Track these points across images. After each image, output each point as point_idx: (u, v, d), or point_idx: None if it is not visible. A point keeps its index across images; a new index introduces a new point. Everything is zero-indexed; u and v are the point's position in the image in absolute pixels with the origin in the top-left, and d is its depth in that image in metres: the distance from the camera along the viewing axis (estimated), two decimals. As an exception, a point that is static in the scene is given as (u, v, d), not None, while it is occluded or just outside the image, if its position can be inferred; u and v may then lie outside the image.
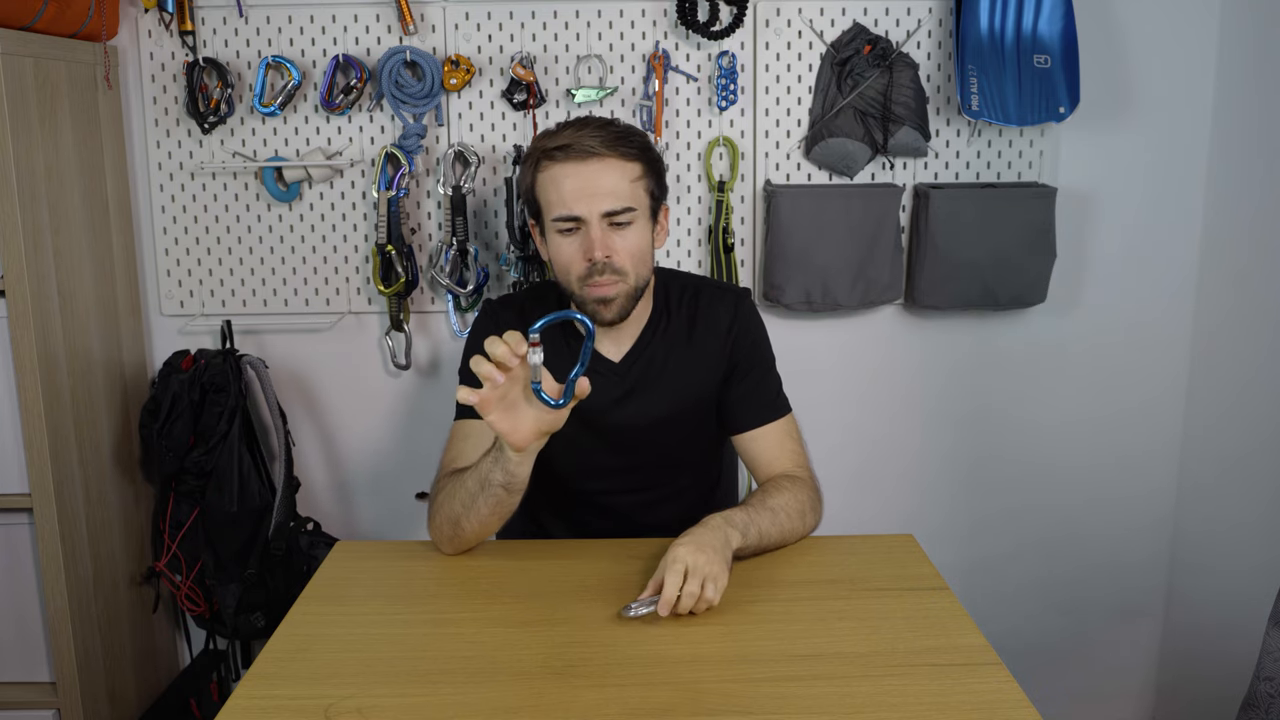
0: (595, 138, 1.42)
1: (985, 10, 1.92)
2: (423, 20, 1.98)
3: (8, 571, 1.85)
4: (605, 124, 1.46)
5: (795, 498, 1.45)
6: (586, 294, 1.45)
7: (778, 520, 1.41)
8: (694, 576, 1.23)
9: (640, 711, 1.07)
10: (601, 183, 1.41)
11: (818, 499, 1.50)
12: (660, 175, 1.49)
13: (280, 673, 1.16)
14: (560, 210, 1.42)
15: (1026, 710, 1.07)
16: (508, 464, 1.31)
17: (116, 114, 1.99)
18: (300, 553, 2.02)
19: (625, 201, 1.42)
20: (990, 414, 2.19)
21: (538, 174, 1.46)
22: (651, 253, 1.49)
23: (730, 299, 1.58)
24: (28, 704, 1.86)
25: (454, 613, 1.29)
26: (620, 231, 1.43)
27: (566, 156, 1.42)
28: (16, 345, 1.72)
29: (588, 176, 1.41)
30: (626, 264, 1.44)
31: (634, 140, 1.45)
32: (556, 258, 1.47)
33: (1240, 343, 2.04)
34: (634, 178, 1.44)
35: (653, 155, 1.48)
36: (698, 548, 1.26)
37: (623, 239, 1.43)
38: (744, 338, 1.56)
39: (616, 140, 1.43)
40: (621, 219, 1.43)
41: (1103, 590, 2.27)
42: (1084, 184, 2.08)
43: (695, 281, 1.61)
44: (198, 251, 2.07)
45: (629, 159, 1.43)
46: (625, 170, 1.43)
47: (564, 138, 1.43)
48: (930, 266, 2.01)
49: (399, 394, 2.16)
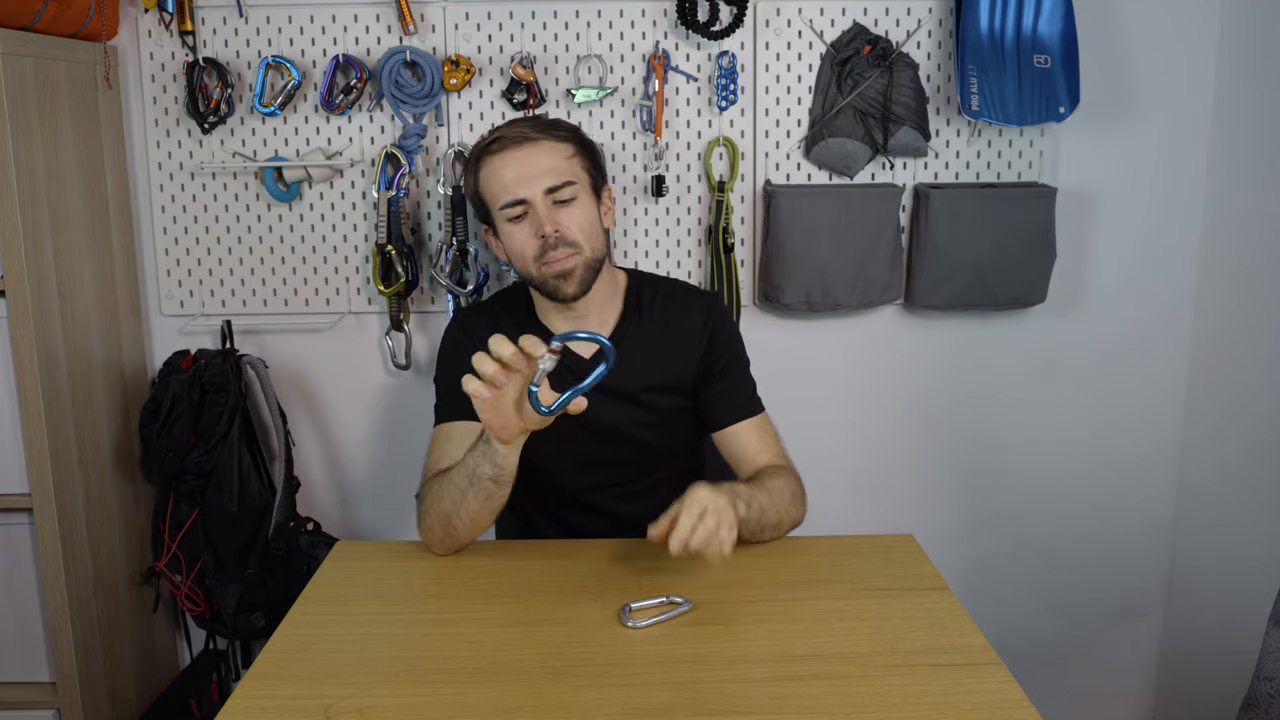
0: (525, 125, 1.51)
1: (985, 10, 1.92)
2: (423, 20, 1.98)
3: (8, 571, 1.85)
4: (536, 117, 1.57)
5: (787, 484, 1.48)
6: (544, 272, 1.48)
7: (774, 501, 1.43)
8: (711, 515, 1.24)
9: (640, 711, 1.07)
10: (538, 163, 1.48)
11: (802, 491, 1.52)
12: (594, 156, 1.56)
13: (280, 673, 1.16)
14: (505, 197, 1.48)
15: (1026, 710, 1.07)
16: (495, 455, 1.33)
17: (116, 114, 1.99)
18: (300, 553, 2.02)
19: (564, 176, 1.48)
20: (990, 414, 2.19)
21: (480, 173, 1.52)
22: (601, 228, 1.54)
23: (703, 301, 1.62)
24: (28, 704, 1.86)
25: (454, 613, 1.29)
26: (565, 208, 1.48)
27: (502, 147, 1.49)
28: (16, 345, 1.72)
29: (525, 160, 1.48)
30: (578, 236, 1.48)
31: (563, 126, 1.54)
32: (510, 246, 1.51)
33: (1240, 343, 2.04)
34: (568, 155, 1.50)
35: (583, 137, 1.55)
36: (715, 492, 1.27)
37: (568, 214, 1.48)
38: (717, 338, 1.59)
39: (546, 126, 1.52)
40: (563, 194, 1.48)
41: (1103, 591, 2.27)
42: (1084, 184, 2.08)
43: (668, 284, 1.65)
44: (198, 251, 2.07)
45: (560, 140, 1.51)
46: (558, 149, 1.50)
47: (497, 134, 1.51)
48: (930, 266, 2.01)
49: (399, 394, 2.16)
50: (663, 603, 1.28)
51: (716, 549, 1.24)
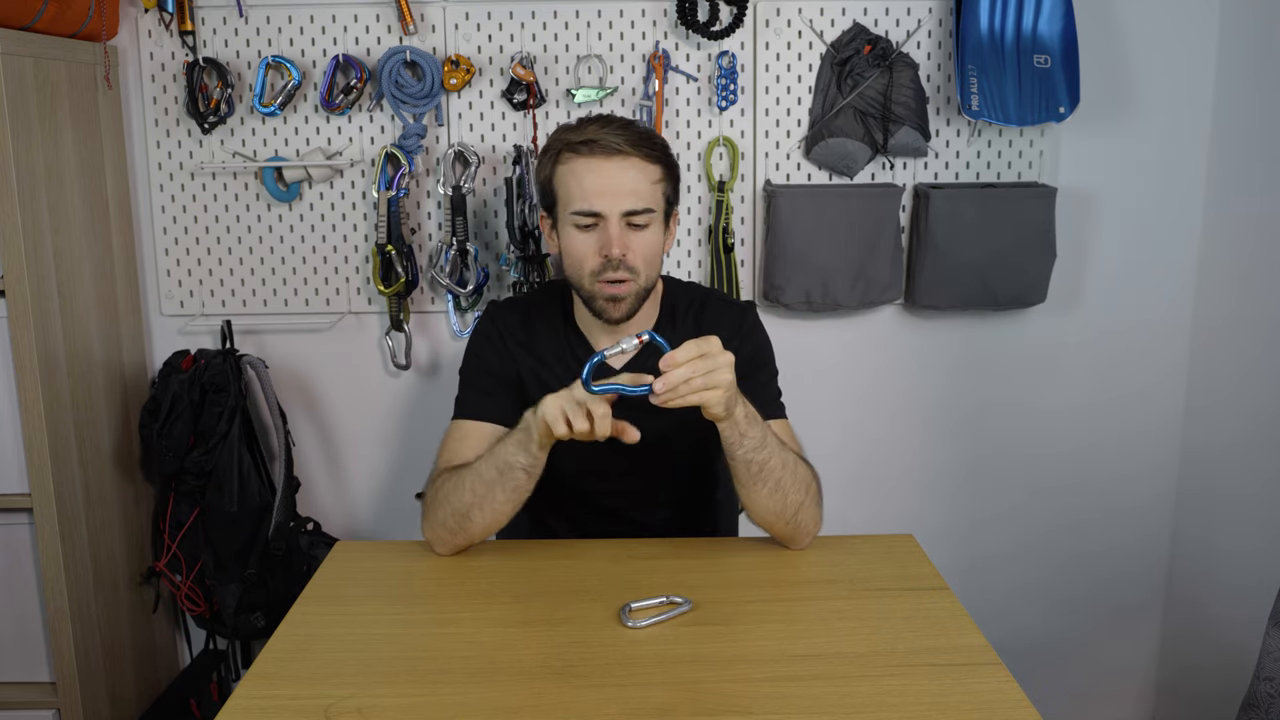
0: (620, 136, 1.41)
1: (985, 10, 1.92)
2: (423, 20, 1.98)
3: (8, 571, 1.85)
4: (629, 124, 1.45)
5: (806, 467, 1.42)
6: (597, 290, 1.44)
7: (787, 458, 1.37)
8: (709, 358, 1.22)
9: (640, 711, 1.07)
10: (624, 181, 1.41)
11: (819, 490, 1.44)
12: (677, 181, 1.50)
13: (280, 673, 1.16)
14: (581, 205, 1.41)
15: (1026, 710, 1.07)
16: (533, 445, 1.32)
17: (116, 114, 1.99)
18: (300, 553, 2.02)
19: (645, 202, 1.42)
20: (990, 414, 2.19)
21: (558, 166, 1.45)
22: (661, 256, 1.49)
23: (736, 311, 1.59)
24: (28, 704, 1.86)
25: (454, 613, 1.29)
26: (637, 232, 1.43)
27: (591, 151, 1.41)
28: (16, 345, 1.72)
29: (611, 174, 1.41)
30: (639, 264, 1.43)
31: (656, 143, 1.46)
32: (570, 252, 1.45)
33: (1240, 343, 2.04)
34: (654, 179, 1.44)
35: (671, 160, 1.48)
36: (722, 348, 1.24)
37: (639, 239, 1.43)
38: (746, 346, 1.54)
39: (640, 140, 1.43)
40: (640, 220, 1.42)
41: (1103, 590, 2.27)
42: (1084, 184, 2.08)
43: (702, 293, 1.62)
44: (198, 251, 2.07)
45: (651, 160, 1.43)
46: (647, 171, 1.43)
47: (588, 133, 1.42)
48: (930, 266, 2.01)
49: (399, 394, 2.16)
50: (663, 603, 1.28)
51: (699, 390, 1.21)
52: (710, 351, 1.23)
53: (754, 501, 1.38)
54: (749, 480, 1.35)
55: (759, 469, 1.34)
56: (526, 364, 1.54)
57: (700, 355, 1.22)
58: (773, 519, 1.40)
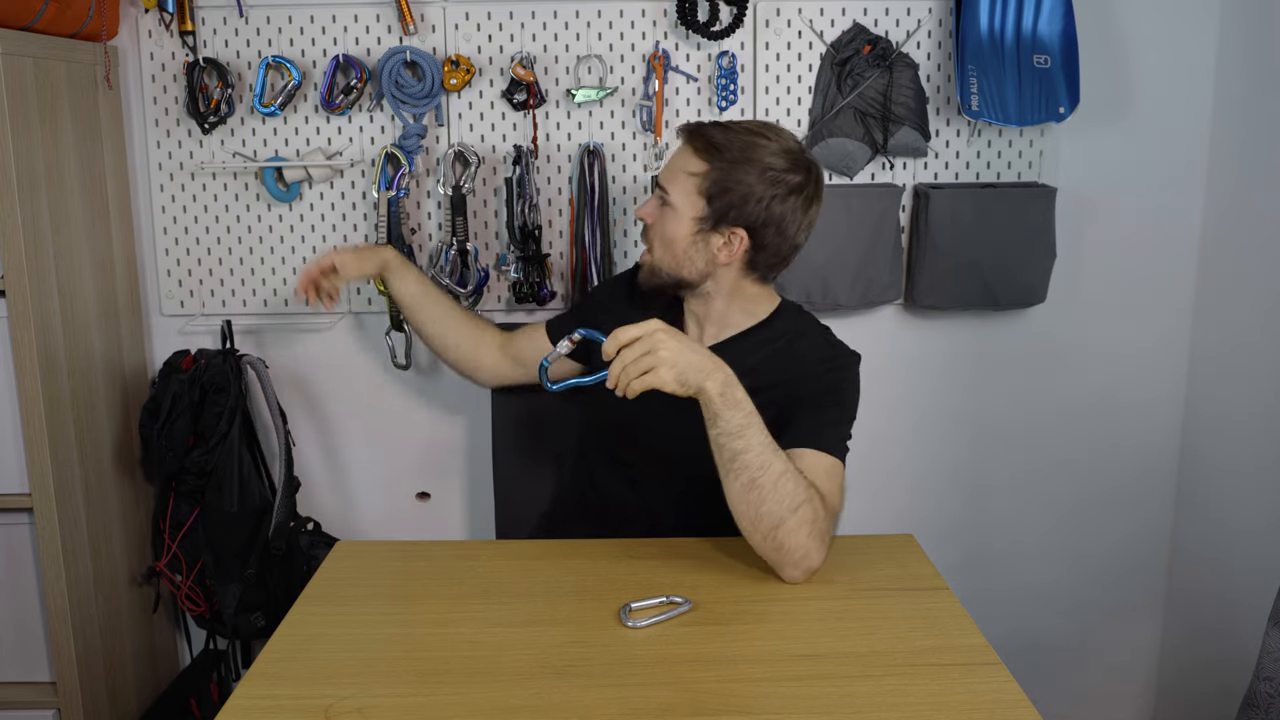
0: (701, 126, 1.50)
1: (985, 10, 1.92)
2: (423, 20, 1.98)
3: (8, 571, 1.85)
4: (731, 124, 1.50)
5: (799, 487, 1.31)
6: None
7: (773, 465, 1.29)
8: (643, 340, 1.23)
9: (640, 711, 1.07)
10: (674, 160, 1.52)
11: (819, 524, 1.33)
12: (726, 194, 1.46)
13: (280, 673, 1.16)
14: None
15: (1026, 710, 1.07)
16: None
17: (116, 114, 1.99)
18: (300, 553, 2.02)
19: (669, 182, 1.50)
20: (990, 414, 2.19)
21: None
22: (685, 251, 1.50)
23: (831, 352, 1.54)
24: (28, 704, 1.86)
25: (454, 613, 1.29)
26: (662, 208, 1.51)
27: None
28: (16, 345, 1.72)
29: (673, 155, 1.54)
30: (654, 239, 1.52)
31: (714, 141, 1.47)
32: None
33: (1240, 343, 2.04)
34: (692, 171, 1.48)
35: (729, 172, 1.45)
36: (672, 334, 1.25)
37: (660, 214, 1.51)
38: (823, 379, 1.49)
39: (698, 132, 1.49)
40: (665, 195, 1.50)
41: (1103, 590, 2.27)
42: (1084, 184, 2.08)
43: (813, 328, 1.59)
44: (198, 251, 2.08)
45: (698, 154, 1.48)
46: (689, 161, 1.48)
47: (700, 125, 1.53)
48: (930, 266, 2.01)
49: (399, 394, 2.16)
50: (663, 603, 1.28)
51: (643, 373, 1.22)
52: (645, 333, 1.24)
53: (729, 494, 1.32)
54: (722, 466, 1.31)
55: (731, 457, 1.29)
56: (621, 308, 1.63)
57: (631, 340, 1.23)
58: (749, 526, 1.32)
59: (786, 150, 1.47)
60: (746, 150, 1.46)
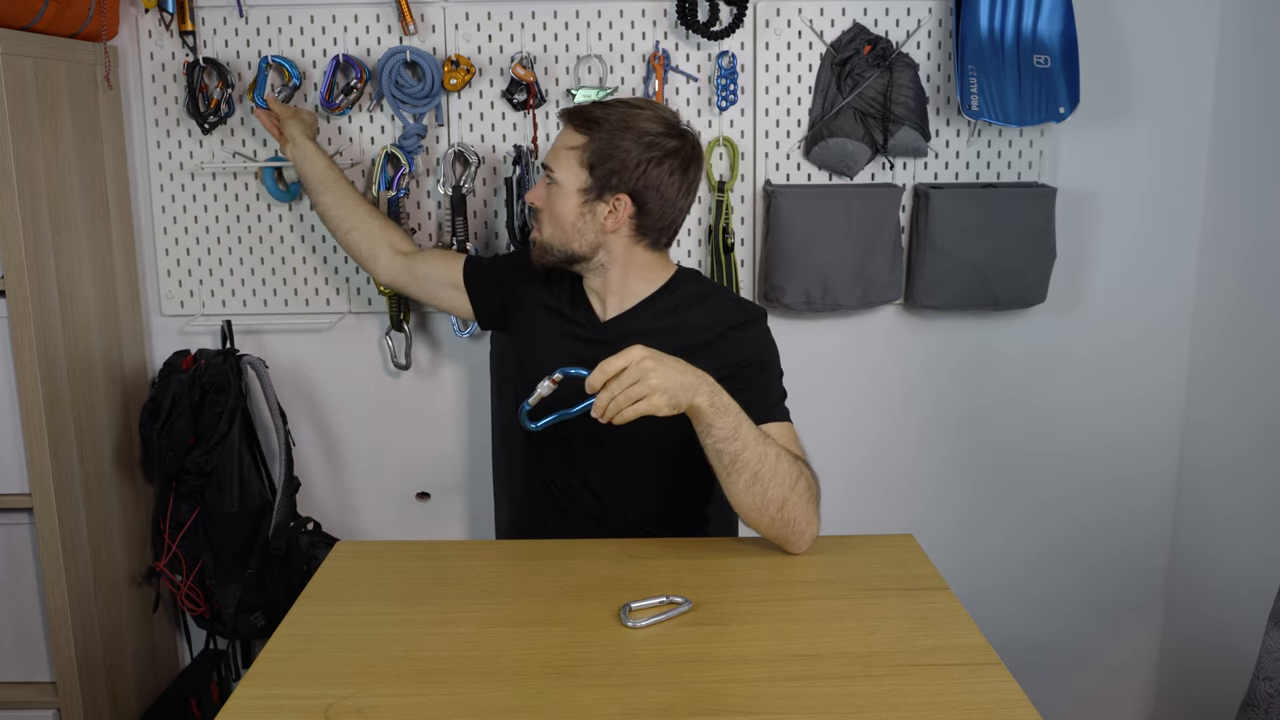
0: (585, 106, 1.56)
1: (985, 10, 1.92)
2: (423, 20, 1.98)
3: (8, 571, 1.85)
4: (611, 102, 1.56)
5: (792, 465, 1.38)
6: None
7: (766, 452, 1.35)
8: (631, 370, 1.24)
9: (640, 711, 1.07)
10: (557, 141, 1.58)
11: (814, 493, 1.41)
12: (607, 161, 1.52)
13: (280, 673, 1.16)
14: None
15: (1026, 710, 1.07)
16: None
17: (116, 114, 1.99)
18: (300, 553, 2.02)
19: (553, 160, 1.56)
20: (990, 414, 2.19)
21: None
22: (574, 224, 1.55)
23: (738, 311, 1.61)
24: (28, 704, 1.86)
25: (454, 613, 1.29)
26: (549, 187, 1.57)
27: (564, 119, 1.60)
28: (16, 345, 1.72)
29: (557, 137, 1.60)
30: (542, 216, 1.59)
31: (592, 116, 1.53)
32: None
33: (1240, 343, 2.04)
34: (572, 145, 1.54)
35: (606, 140, 1.52)
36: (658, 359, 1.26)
37: (547, 194, 1.57)
38: (742, 347, 1.55)
39: (580, 112, 1.55)
40: (551, 175, 1.56)
41: (1103, 590, 2.27)
42: (1084, 184, 2.08)
43: (714, 291, 1.65)
44: (198, 251, 2.08)
45: (578, 130, 1.54)
46: (570, 138, 1.55)
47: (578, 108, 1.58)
48: (930, 267, 2.01)
49: (399, 394, 2.16)
50: (663, 603, 1.28)
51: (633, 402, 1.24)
52: (630, 362, 1.25)
53: (732, 493, 1.37)
54: (723, 470, 1.36)
55: (731, 459, 1.34)
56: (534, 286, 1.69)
57: (618, 372, 1.24)
58: (755, 515, 1.38)
59: (661, 118, 1.55)
60: (624, 119, 1.53)
